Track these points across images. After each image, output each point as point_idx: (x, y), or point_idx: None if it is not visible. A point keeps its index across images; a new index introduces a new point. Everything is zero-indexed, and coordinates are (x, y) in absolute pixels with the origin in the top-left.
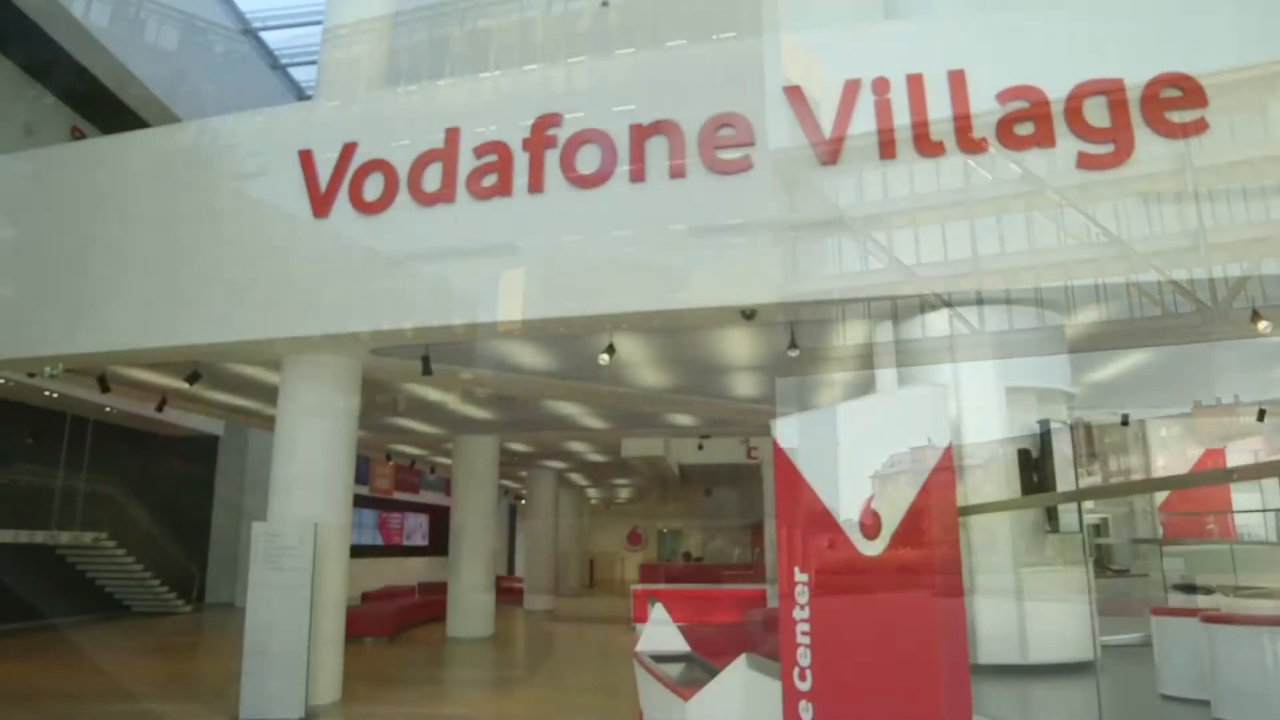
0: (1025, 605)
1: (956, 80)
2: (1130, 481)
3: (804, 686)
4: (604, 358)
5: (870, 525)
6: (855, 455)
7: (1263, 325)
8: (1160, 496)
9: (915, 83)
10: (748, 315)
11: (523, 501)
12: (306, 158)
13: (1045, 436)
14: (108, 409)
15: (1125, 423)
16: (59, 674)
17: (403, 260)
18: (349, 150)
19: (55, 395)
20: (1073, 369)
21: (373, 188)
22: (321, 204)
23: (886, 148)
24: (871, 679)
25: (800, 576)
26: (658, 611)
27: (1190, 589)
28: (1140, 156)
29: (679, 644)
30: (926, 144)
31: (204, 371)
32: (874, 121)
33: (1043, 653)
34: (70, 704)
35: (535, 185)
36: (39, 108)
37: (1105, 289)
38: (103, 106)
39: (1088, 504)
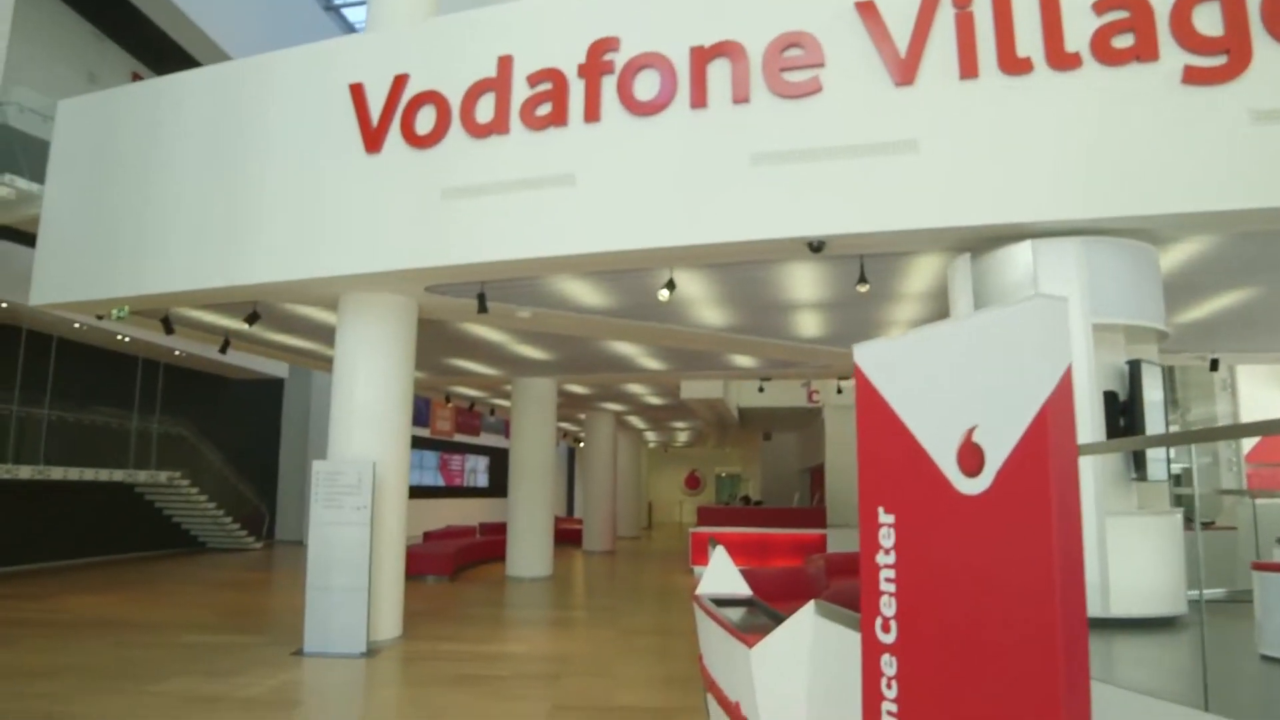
0: (1109, 556)
1: None
2: (1234, 425)
3: (887, 639)
4: (664, 293)
5: (971, 460)
6: (955, 380)
7: None
8: (1247, 446)
9: None
10: (815, 248)
11: (581, 444)
12: (358, 91)
13: (1134, 378)
14: (177, 352)
15: (1214, 367)
16: (138, 605)
17: (456, 195)
18: (400, 83)
19: (127, 339)
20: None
21: (425, 120)
22: (374, 139)
23: (967, 66)
24: (969, 634)
25: (885, 518)
26: (719, 554)
27: None
28: (1257, 70)
29: (740, 587)
30: (1012, 61)
31: (263, 312)
32: (954, 37)
33: (1126, 606)
34: (147, 633)
35: (592, 114)
36: (102, 55)
37: (1208, 218)
38: (162, 53)
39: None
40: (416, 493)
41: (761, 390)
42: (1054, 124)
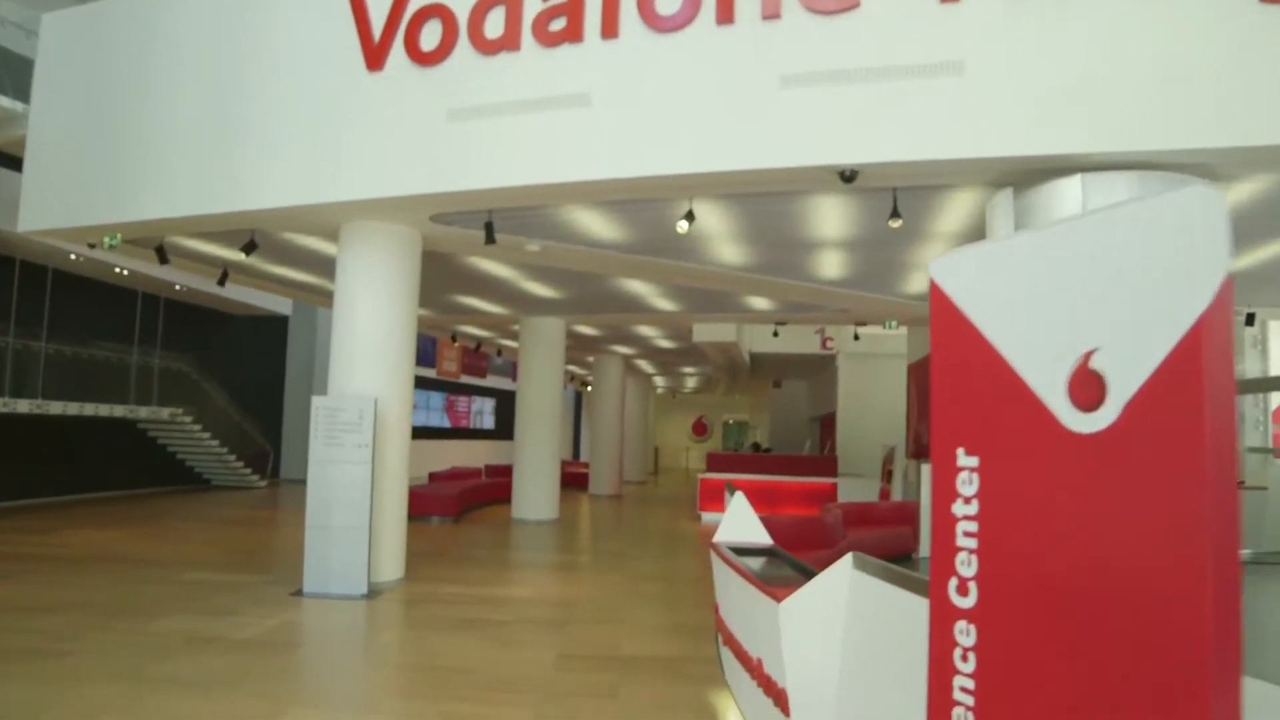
0: None
1: None
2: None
3: (965, 603)
4: (682, 225)
5: (1088, 391)
6: (1068, 295)
7: None
8: (1275, 403)
9: None
10: (847, 177)
11: (589, 388)
12: (358, 4)
13: None
14: (178, 287)
15: (1250, 322)
16: (140, 542)
17: (464, 116)
18: None
19: (125, 273)
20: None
21: (430, 36)
22: (375, 56)
23: None
24: (1079, 601)
25: (966, 461)
26: (737, 500)
27: None
28: None
29: (761, 536)
30: None
31: (260, 242)
32: None
33: None
34: (149, 569)
35: (609, 30)
36: None
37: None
38: None
39: None
40: (422, 433)
41: (776, 335)
42: (1110, 47)
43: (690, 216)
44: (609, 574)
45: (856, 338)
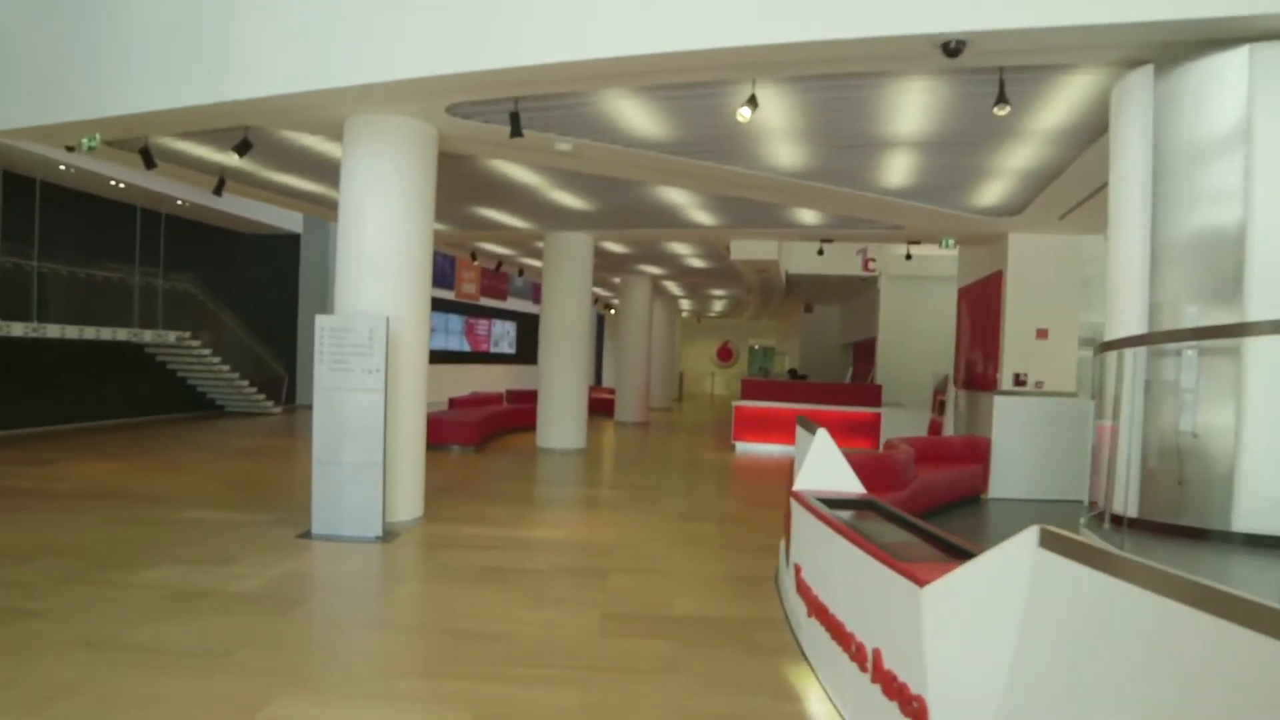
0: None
1: None
2: None
3: None
4: (744, 112)
5: None
6: None
7: None
8: None
9: None
10: (952, 50)
11: (612, 311)
12: None
13: None
14: (180, 202)
15: None
16: (141, 474)
17: None
18: None
19: (121, 185)
20: None
21: None
22: None
23: None
24: None
25: None
26: (821, 440)
27: None
28: None
29: (852, 483)
30: None
31: (255, 142)
32: None
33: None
34: (145, 507)
35: None
36: None
37: None
38: None
39: None
40: (441, 358)
41: (821, 253)
42: None
43: (753, 102)
44: (646, 512)
45: (909, 257)
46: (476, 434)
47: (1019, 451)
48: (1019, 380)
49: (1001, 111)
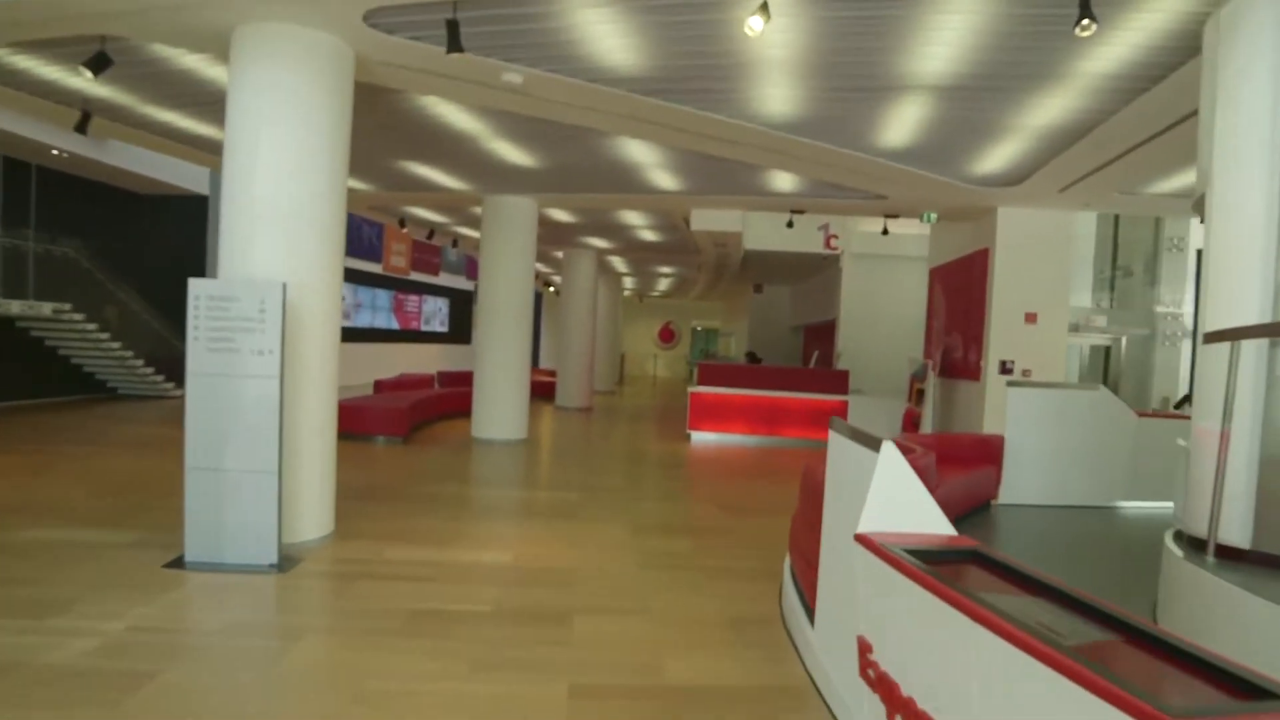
0: None
1: None
2: None
3: None
4: (754, 23)
5: None
6: None
7: None
8: None
9: None
10: None
11: (552, 289)
12: None
13: None
14: (56, 151)
15: None
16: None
17: None
18: None
19: None
20: None
21: None
22: None
23: None
24: None
25: None
26: (889, 457)
27: None
28: None
29: (941, 523)
30: None
31: (116, 58)
32: None
33: None
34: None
35: None
36: None
37: None
38: None
39: None
40: (367, 336)
41: (790, 225)
42: None
43: (765, 10)
44: (607, 522)
45: (885, 232)
46: (406, 422)
47: (1034, 451)
48: (1005, 368)
49: (1085, 32)
